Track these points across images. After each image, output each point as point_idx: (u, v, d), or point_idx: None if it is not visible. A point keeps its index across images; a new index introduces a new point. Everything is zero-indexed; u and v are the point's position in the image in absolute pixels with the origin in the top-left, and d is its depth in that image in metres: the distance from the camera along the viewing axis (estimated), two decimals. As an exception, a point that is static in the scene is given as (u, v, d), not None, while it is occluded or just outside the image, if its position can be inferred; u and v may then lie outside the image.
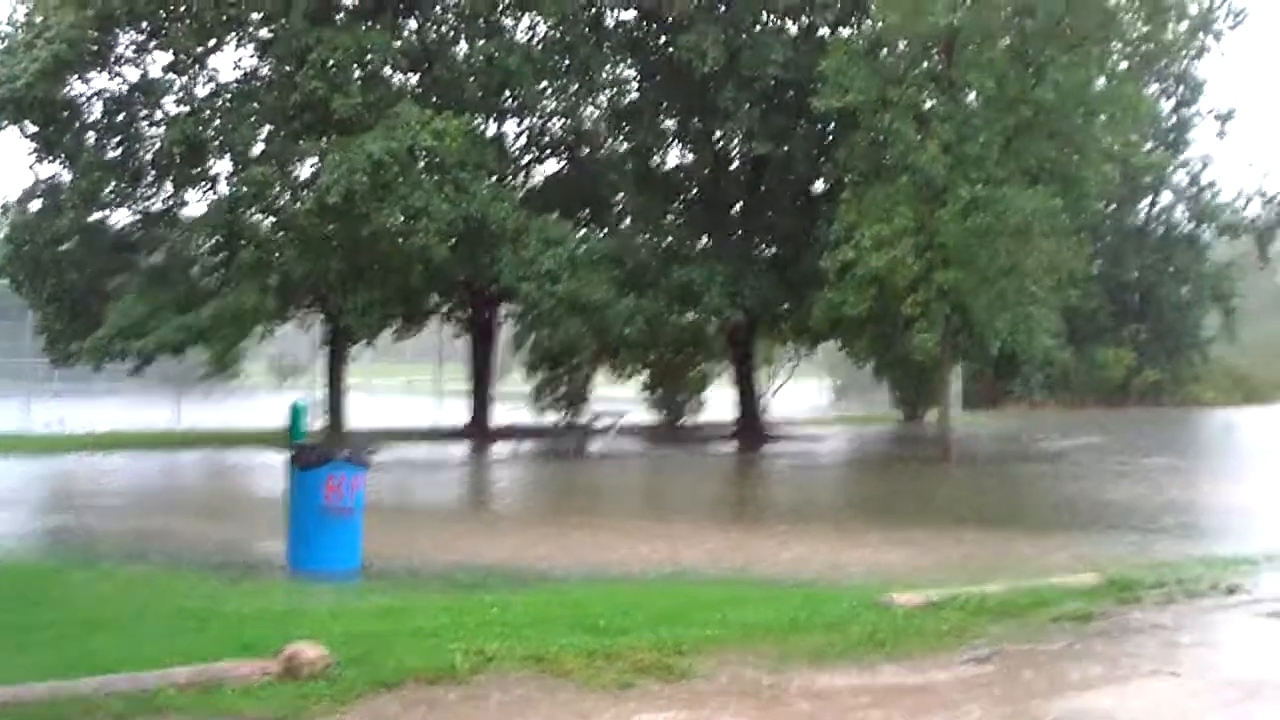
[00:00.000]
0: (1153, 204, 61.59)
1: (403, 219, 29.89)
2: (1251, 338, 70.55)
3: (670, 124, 37.73)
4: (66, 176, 33.24)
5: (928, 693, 8.75)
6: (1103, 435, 38.64)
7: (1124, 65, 31.38)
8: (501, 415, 38.53)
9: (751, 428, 38.54)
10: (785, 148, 34.12)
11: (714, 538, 18.18)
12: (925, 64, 30.56)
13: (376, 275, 31.60)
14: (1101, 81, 30.47)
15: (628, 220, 37.60)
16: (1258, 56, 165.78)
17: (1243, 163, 60.04)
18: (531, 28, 36.84)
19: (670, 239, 36.24)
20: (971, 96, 30.22)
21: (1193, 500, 23.10)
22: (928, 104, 30.01)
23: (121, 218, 34.33)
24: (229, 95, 33.54)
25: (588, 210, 37.32)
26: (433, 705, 8.15)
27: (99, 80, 33.24)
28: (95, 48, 31.89)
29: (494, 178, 33.25)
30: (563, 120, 37.34)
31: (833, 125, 33.53)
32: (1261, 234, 60.75)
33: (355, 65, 31.63)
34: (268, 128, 33.02)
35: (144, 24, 32.62)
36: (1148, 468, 28.97)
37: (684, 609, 11.04)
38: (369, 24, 32.66)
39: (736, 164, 38.06)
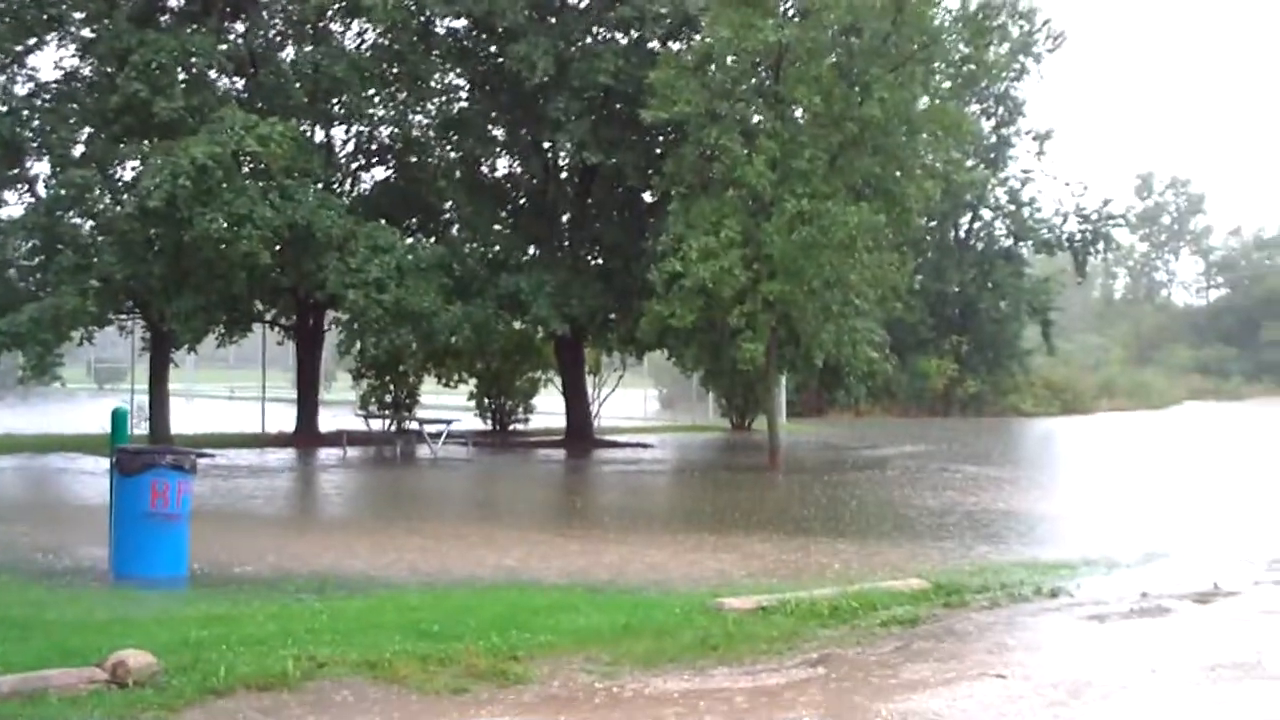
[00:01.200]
0: (974, 220, 62.84)
1: (226, 225, 29.35)
2: (1069, 350, 72.47)
3: (500, 133, 37.65)
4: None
5: (760, 695, 8.85)
6: (925, 444, 39.32)
7: (947, 85, 32.01)
8: (329, 421, 38.15)
9: (580, 435, 38.61)
10: (614, 159, 34.21)
11: (545, 544, 18.15)
12: (753, 80, 30.88)
13: (200, 281, 31.02)
14: (925, 100, 31.09)
15: (456, 228, 37.41)
16: (1076, 78, 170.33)
17: (1060, 182, 61.80)
18: (360, 35, 36.62)
19: (499, 247, 36.10)
20: (799, 113, 30.59)
21: (1013, 507, 23.57)
22: (755, 119, 30.31)
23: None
24: (49, 95, 32.81)
25: (416, 218, 37.13)
26: (265, 712, 8.06)
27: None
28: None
29: (320, 184, 32.94)
30: (391, 128, 37.05)
31: (662, 138, 33.71)
32: (1078, 251, 62.24)
33: (179, 68, 31.09)
34: (88, 130, 32.34)
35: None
36: (969, 476, 29.52)
37: (517, 614, 11.03)
38: (194, 27, 32.08)
39: (566, 174, 38.12)
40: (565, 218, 37.93)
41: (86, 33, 32.69)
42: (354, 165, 38.22)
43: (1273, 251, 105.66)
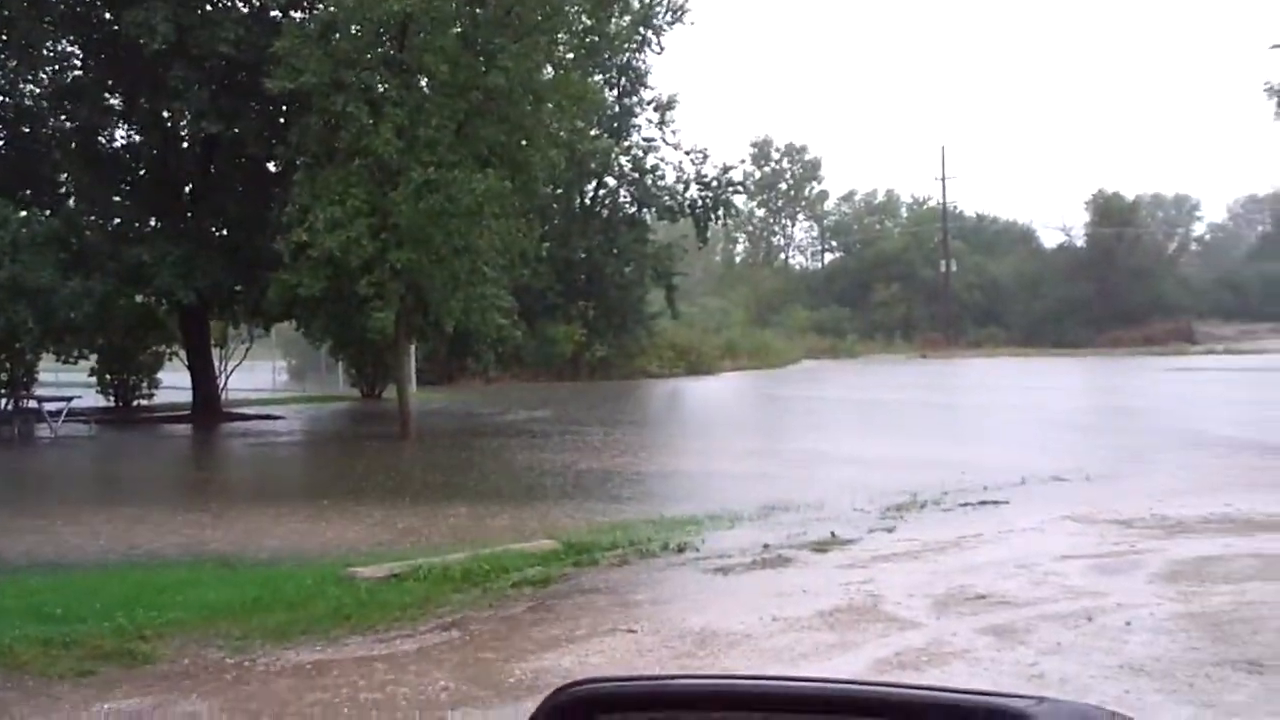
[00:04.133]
0: (599, 188, 63.58)
1: None
2: (693, 313, 74.11)
3: (117, 103, 36.52)
4: None
5: (394, 662, 8.98)
6: (554, 408, 39.75)
7: (570, 55, 32.42)
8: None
9: (209, 409, 37.82)
10: (237, 129, 33.51)
11: (171, 520, 17.81)
12: (379, 49, 30.69)
13: None
14: (550, 70, 31.43)
15: (73, 200, 36.15)
16: (697, 46, 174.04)
17: (682, 150, 62.93)
18: (-36, -1, 34.98)
19: (119, 220, 35.09)
20: (425, 82, 30.56)
21: (641, 467, 24.13)
22: (381, 88, 30.14)
23: None
24: None
25: (30, 190, 35.67)
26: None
27: None
28: None
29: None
30: (1, 97, 35.53)
31: (286, 107, 33.19)
32: (699, 217, 63.61)
33: None
34: None
35: None
36: (597, 438, 29.99)
37: (143, 594, 10.90)
38: None
39: (187, 144, 37.18)
40: (188, 188, 37.06)
41: None
42: (-39, 136, 36.56)
43: (882, 216, 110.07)
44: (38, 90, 35.96)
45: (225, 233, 36.13)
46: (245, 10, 34.67)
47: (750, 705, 1.75)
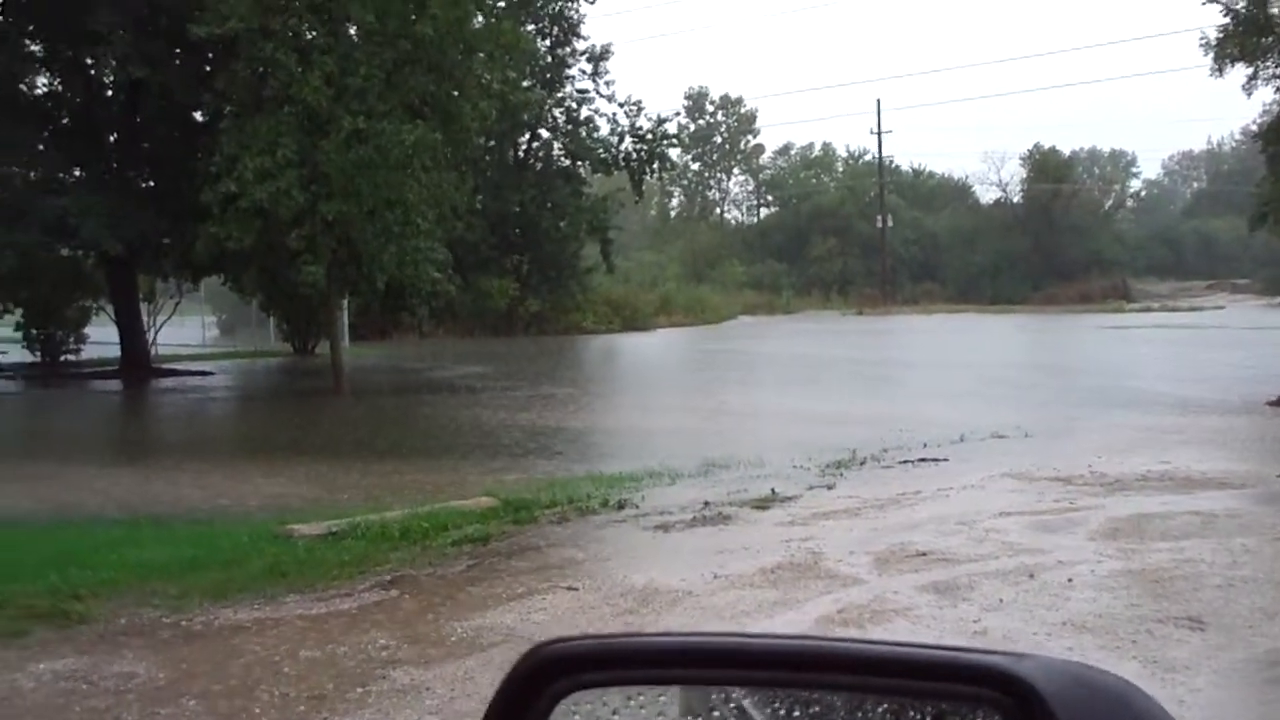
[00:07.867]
0: (532, 140, 63.27)
1: None
2: (628, 268, 74.01)
3: (38, 49, 35.82)
4: None
5: (333, 620, 8.83)
6: (489, 364, 39.53)
7: (502, 4, 32.12)
8: None
9: (137, 365, 37.35)
10: (162, 76, 32.96)
11: (104, 478, 17.55)
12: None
13: None
14: (480, 19, 31.11)
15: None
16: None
17: (616, 102, 62.37)
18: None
19: (41, 169, 34.47)
20: (353, 30, 30.19)
21: (578, 424, 24.01)
22: (310, 35, 29.76)
23: None
24: None
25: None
26: None
27: None
28: None
29: None
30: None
31: (212, 54, 32.66)
32: (634, 170, 63.34)
33: None
34: None
35: None
36: (533, 394, 29.84)
37: (78, 552, 10.69)
38: None
39: (111, 92, 36.56)
40: (113, 137, 36.47)
41: None
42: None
43: (818, 170, 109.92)
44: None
45: (152, 183, 35.63)
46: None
47: (728, 662, 1.66)
